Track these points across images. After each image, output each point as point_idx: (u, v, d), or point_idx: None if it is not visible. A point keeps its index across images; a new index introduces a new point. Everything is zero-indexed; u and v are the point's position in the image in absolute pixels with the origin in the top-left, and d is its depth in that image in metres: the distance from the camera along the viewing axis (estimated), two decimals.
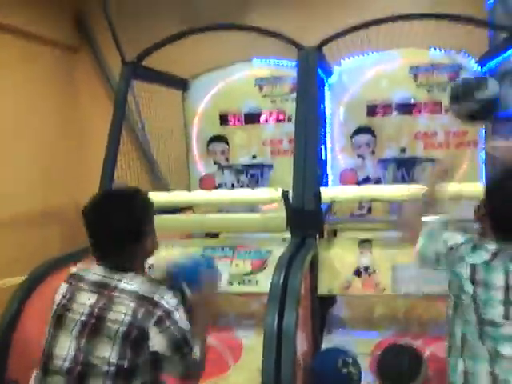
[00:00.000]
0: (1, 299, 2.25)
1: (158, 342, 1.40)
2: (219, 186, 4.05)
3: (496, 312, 1.39)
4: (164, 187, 3.98)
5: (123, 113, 3.23)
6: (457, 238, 1.56)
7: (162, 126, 4.00)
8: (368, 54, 3.94)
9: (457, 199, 2.60)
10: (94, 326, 1.40)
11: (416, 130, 3.87)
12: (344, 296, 2.75)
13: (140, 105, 3.69)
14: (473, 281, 1.43)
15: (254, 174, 3.85)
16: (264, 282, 2.53)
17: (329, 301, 2.88)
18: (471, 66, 3.82)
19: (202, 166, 4.18)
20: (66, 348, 1.40)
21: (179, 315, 1.45)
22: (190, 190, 3.34)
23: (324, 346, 2.61)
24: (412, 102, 3.86)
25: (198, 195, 2.80)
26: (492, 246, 1.46)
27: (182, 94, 4.18)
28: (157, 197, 2.74)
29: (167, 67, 3.78)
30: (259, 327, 2.35)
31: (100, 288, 1.46)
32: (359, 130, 3.96)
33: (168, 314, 1.42)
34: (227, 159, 4.13)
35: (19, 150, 3.92)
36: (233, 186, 3.87)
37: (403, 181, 3.64)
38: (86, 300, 1.44)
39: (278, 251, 2.38)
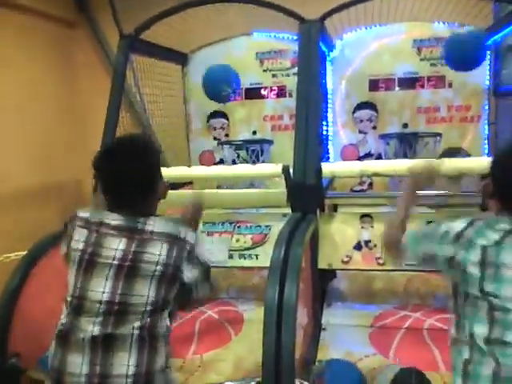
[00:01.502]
0: (2, 274, 2.26)
1: (189, 273, 1.53)
2: (219, 162, 4.03)
3: (508, 292, 1.28)
4: (163, 163, 3.96)
5: (121, 87, 3.19)
6: (458, 225, 1.43)
7: (161, 101, 3.95)
8: (371, 27, 3.87)
9: (459, 175, 2.59)
10: (129, 268, 1.45)
11: (418, 104, 3.83)
12: (344, 270, 2.76)
13: (139, 79, 3.64)
14: (483, 264, 1.32)
15: (255, 150, 3.82)
16: (264, 257, 2.54)
17: (329, 275, 2.89)
18: None
19: (201, 142, 4.16)
20: (100, 291, 1.44)
21: (200, 247, 1.60)
22: (189, 166, 3.31)
23: (324, 319, 2.62)
24: (415, 76, 3.82)
25: (198, 170, 2.78)
26: (503, 225, 1.35)
27: (182, 68, 4.13)
28: None
29: (167, 41, 3.73)
30: (260, 301, 2.37)
31: (128, 232, 1.49)
32: (361, 105, 3.92)
33: (193, 247, 1.56)
34: (227, 135, 4.11)
35: (18, 127, 3.89)
36: (234, 162, 3.85)
37: (405, 156, 3.62)
38: (116, 244, 1.47)
39: (278, 226, 2.36)
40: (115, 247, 1.47)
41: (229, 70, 3.62)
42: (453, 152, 3.51)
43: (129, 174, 1.49)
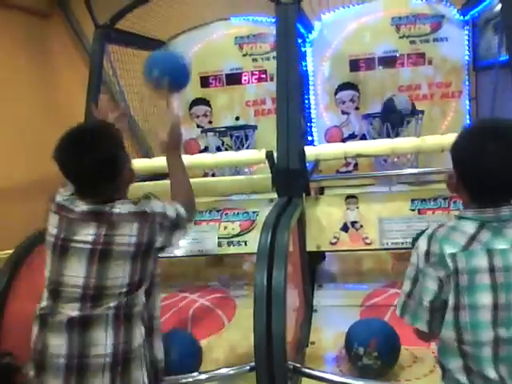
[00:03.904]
0: None
1: (163, 238, 1.56)
2: (204, 150, 4.02)
3: (483, 299, 1.19)
4: (147, 154, 3.93)
5: (99, 78, 3.16)
6: (421, 244, 1.30)
7: (142, 91, 3.91)
8: (348, 6, 3.85)
9: (440, 151, 2.61)
10: (102, 252, 1.45)
11: (399, 83, 3.84)
12: (333, 251, 2.78)
13: (117, 69, 3.60)
14: (456, 271, 1.21)
15: (239, 136, 3.81)
16: (253, 243, 2.53)
17: (318, 257, 2.92)
18: (453, 15, 3.76)
19: (184, 131, 4.12)
20: (75, 277, 1.45)
21: (168, 210, 1.59)
22: None
23: (315, 301, 2.65)
24: (395, 54, 3.82)
25: None
26: (468, 227, 1.24)
27: None
28: (139, 163, 2.73)
29: (145, 30, 3.68)
30: (251, 286, 2.39)
31: (96, 216, 1.49)
32: (343, 86, 3.92)
33: (163, 215, 1.56)
34: (210, 122, 4.09)
35: None
36: (218, 149, 3.84)
37: (388, 135, 3.63)
38: (86, 229, 1.47)
39: (265, 212, 2.37)
40: (86, 232, 1.47)
41: None
42: None
43: (88, 161, 1.46)
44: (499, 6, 3.08)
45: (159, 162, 2.80)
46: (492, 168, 1.20)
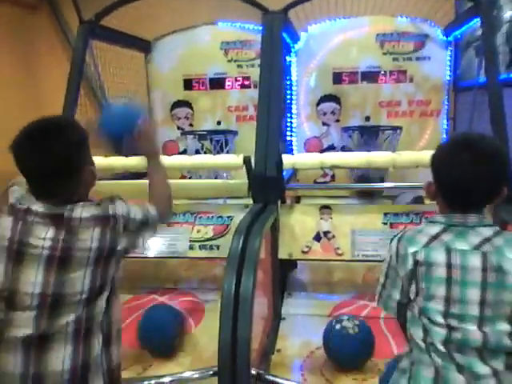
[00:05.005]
0: None
1: (127, 241, 1.49)
2: (183, 152, 4.00)
3: (437, 290, 1.28)
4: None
5: (80, 74, 3.12)
6: (392, 248, 1.41)
7: (124, 89, 3.88)
8: (335, 19, 3.90)
9: (415, 166, 2.64)
10: (61, 259, 1.37)
11: (380, 98, 3.89)
12: (304, 260, 2.79)
13: (99, 66, 3.57)
14: (416, 263, 1.32)
15: (219, 140, 3.80)
16: (225, 247, 2.52)
17: (290, 265, 2.92)
18: (437, 35, 3.83)
19: (165, 132, 4.11)
20: (32, 283, 1.36)
21: (133, 212, 1.53)
22: None
23: (284, 309, 2.65)
24: (378, 70, 3.87)
25: None
26: (433, 229, 1.33)
27: (145, 56, 4.06)
28: (114, 161, 2.68)
29: (131, 29, 3.66)
30: (220, 291, 2.37)
31: (55, 219, 1.39)
32: (325, 98, 3.96)
33: (127, 218, 1.49)
34: (191, 125, 4.08)
35: None
36: (197, 152, 3.82)
37: (366, 149, 3.67)
38: (44, 233, 1.38)
39: (239, 217, 2.36)
40: (43, 236, 1.38)
41: None
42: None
43: (41, 159, 1.37)
44: (480, 31, 3.15)
45: (134, 161, 2.78)
46: (464, 178, 1.30)
